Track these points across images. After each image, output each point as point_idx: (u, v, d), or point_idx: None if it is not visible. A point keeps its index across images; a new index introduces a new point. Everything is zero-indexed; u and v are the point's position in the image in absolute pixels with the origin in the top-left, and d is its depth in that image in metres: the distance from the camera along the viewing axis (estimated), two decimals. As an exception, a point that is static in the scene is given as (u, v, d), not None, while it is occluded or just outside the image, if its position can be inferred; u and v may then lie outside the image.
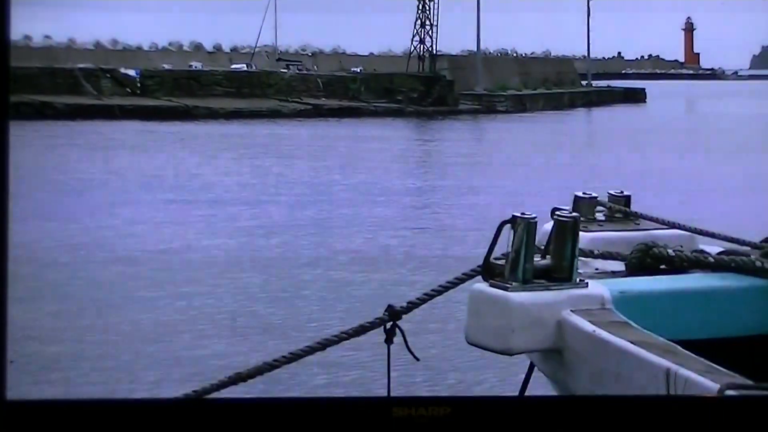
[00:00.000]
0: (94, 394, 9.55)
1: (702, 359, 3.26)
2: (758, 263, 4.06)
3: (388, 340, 3.86)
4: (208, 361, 10.83)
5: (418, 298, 4.02)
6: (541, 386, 4.16)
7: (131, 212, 21.60)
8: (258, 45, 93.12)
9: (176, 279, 15.04)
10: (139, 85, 61.68)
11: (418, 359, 3.93)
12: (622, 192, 4.81)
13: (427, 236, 19.63)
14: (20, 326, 10.75)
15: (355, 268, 15.99)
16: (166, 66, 72.51)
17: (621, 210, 4.72)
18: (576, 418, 2.69)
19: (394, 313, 3.89)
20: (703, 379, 3.07)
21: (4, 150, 2.31)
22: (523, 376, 4.30)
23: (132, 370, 10.58)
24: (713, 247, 4.43)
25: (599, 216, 4.72)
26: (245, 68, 75.90)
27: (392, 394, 3.94)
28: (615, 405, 2.83)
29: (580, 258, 4.04)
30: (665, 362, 3.21)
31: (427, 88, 68.85)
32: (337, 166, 32.94)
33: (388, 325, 3.87)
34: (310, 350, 3.90)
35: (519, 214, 3.64)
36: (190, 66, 75.61)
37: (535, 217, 3.64)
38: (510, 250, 3.63)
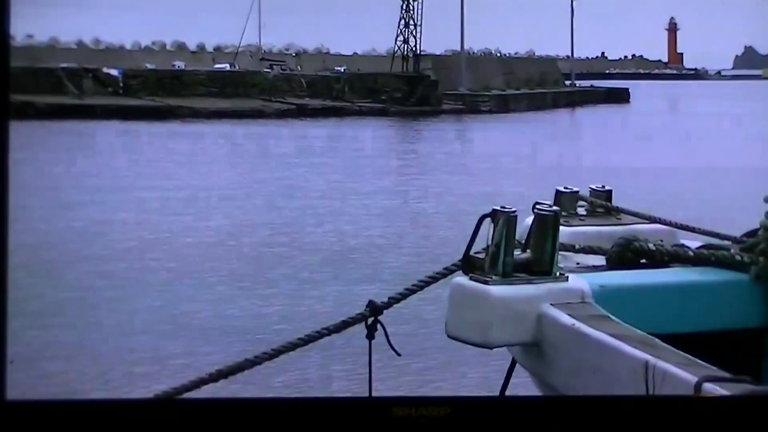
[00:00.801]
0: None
1: (680, 352, 3.27)
2: (738, 257, 4.07)
3: (370, 336, 3.86)
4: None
5: (399, 293, 4.01)
6: (522, 382, 4.17)
7: (97, 211, 21.51)
8: (242, 45, 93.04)
9: (140, 278, 15.02)
10: (121, 84, 61.48)
11: (399, 354, 3.92)
12: (603, 187, 4.82)
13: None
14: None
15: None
16: (149, 65, 72.27)
17: (602, 205, 4.73)
18: (572, 418, 2.70)
19: (375, 309, 3.89)
20: (682, 372, 3.08)
21: (4, 150, 2.31)
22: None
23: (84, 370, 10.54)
24: (694, 242, 4.44)
25: (581, 210, 4.73)
26: (228, 68, 75.75)
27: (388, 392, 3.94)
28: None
29: (561, 252, 4.05)
30: (644, 355, 3.22)
31: (410, 88, 68.86)
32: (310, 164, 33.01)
33: (370, 320, 3.87)
34: (292, 346, 3.89)
35: (499, 208, 3.64)
36: (173, 65, 75.42)
37: (515, 212, 3.64)
38: (490, 244, 3.63)
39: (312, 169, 31.95)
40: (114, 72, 62.49)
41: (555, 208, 3.84)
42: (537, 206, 3.78)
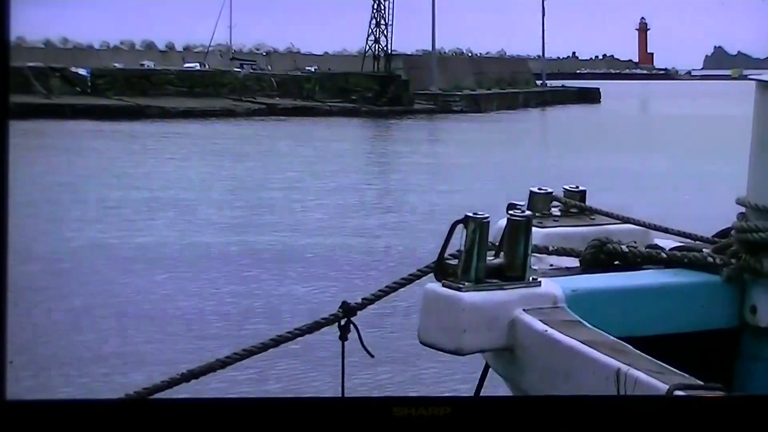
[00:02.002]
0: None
1: (652, 359, 3.26)
2: (710, 259, 4.07)
3: (343, 337, 3.84)
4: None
5: (372, 295, 4.00)
6: (495, 385, 4.16)
7: (51, 210, 21.38)
8: (212, 44, 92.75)
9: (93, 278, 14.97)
10: (89, 84, 61.10)
11: (372, 356, 3.91)
12: (577, 187, 4.81)
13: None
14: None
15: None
16: (118, 65, 71.81)
17: (576, 205, 4.71)
18: (579, 418, 2.70)
19: (348, 310, 3.87)
20: (653, 380, 3.08)
21: (4, 150, 2.29)
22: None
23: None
24: (667, 242, 4.44)
25: (555, 211, 4.71)
26: (198, 67, 75.49)
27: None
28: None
29: (535, 254, 4.04)
30: (615, 362, 3.21)
31: (382, 88, 68.87)
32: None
33: (343, 321, 3.85)
34: (263, 347, 3.88)
35: (471, 214, 3.62)
36: (142, 65, 74.94)
37: (487, 217, 3.62)
38: (462, 249, 3.62)
39: (275, 168, 31.95)
40: (82, 71, 62.07)
41: (527, 213, 3.82)
42: (509, 211, 3.77)
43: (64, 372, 10.25)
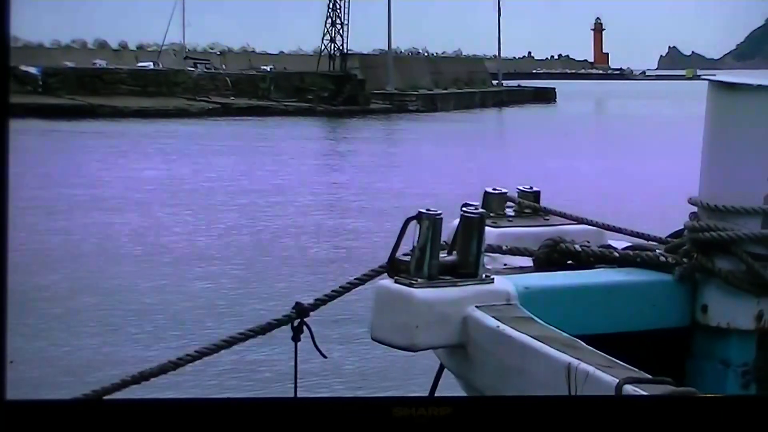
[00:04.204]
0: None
1: (603, 354, 3.28)
2: (662, 258, 4.09)
3: (296, 338, 3.82)
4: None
5: (326, 295, 3.98)
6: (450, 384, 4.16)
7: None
8: (165, 43, 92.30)
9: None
10: (41, 83, 60.57)
11: (325, 357, 3.90)
12: (531, 188, 4.82)
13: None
14: None
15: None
16: (69, 64, 71.24)
17: (530, 206, 4.72)
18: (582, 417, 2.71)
19: (301, 310, 3.85)
20: (603, 374, 3.10)
21: (4, 150, 2.27)
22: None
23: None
24: (621, 242, 4.46)
25: (509, 212, 4.72)
26: (152, 66, 75.09)
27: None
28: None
29: (489, 254, 4.04)
30: (566, 357, 3.22)
31: (338, 87, 68.85)
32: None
33: (296, 322, 3.84)
34: (216, 348, 3.85)
35: (424, 211, 3.62)
36: (95, 64, 74.36)
37: (440, 214, 3.62)
38: (415, 246, 3.61)
39: (209, 167, 31.89)
40: (33, 70, 61.47)
41: (481, 210, 3.82)
42: (464, 207, 3.76)
43: None
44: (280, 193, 26.13)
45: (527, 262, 4.24)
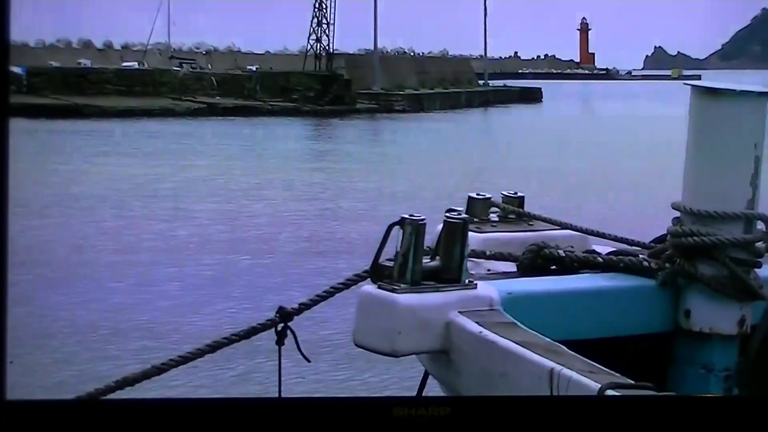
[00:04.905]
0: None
1: (585, 359, 3.29)
2: (646, 263, 4.10)
3: (279, 342, 3.83)
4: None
5: (309, 299, 3.98)
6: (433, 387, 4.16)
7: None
8: (150, 42, 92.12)
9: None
10: (25, 83, 60.29)
11: (309, 361, 3.90)
12: (515, 193, 4.83)
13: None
14: None
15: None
16: (54, 63, 70.97)
17: (514, 211, 4.73)
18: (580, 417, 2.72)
19: (285, 315, 3.86)
20: (585, 379, 3.10)
21: (4, 150, 2.26)
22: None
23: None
24: (605, 247, 4.47)
25: (493, 217, 4.73)
26: (137, 66, 74.91)
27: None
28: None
29: (472, 259, 4.04)
30: (549, 363, 3.23)
31: (323, 87, 68.79)
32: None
33: (279, 326, 3.84)
34: (200, 353, 3.85)
35: (407, 216, 3.62)
36: (79, 63, 74.04)
37: (423, 219, 3.62)
38: (398, 251, 3.62)
39: (190, 166, 31.85)
40: (17, 70, 61.19)
41: (464, 215, 3.83)
42: (447, 213, 3.77)
43: None
44: (259, 192, 26.11)
45: (511, 267, 4.24)
